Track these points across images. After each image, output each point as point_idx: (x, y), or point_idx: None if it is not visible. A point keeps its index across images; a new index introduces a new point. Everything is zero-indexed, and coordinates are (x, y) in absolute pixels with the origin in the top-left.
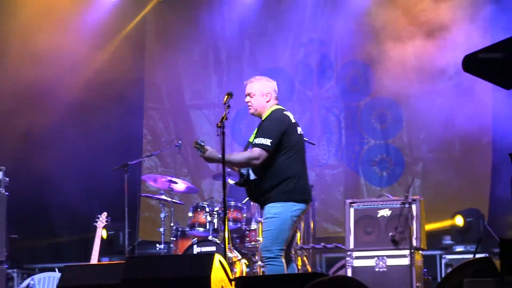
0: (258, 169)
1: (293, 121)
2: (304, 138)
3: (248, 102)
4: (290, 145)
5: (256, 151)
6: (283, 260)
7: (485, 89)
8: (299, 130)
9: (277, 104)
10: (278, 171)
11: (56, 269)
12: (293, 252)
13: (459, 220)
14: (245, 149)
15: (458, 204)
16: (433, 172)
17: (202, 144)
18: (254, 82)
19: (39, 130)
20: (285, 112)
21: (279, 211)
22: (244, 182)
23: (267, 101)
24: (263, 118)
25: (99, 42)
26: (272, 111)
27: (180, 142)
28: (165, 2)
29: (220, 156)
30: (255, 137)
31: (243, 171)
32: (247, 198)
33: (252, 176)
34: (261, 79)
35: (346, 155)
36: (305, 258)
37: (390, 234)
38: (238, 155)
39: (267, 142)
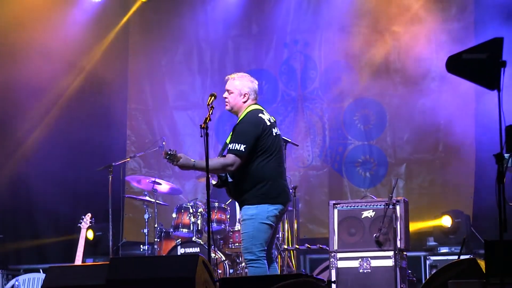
0: (233, 172)
1: (268, 123)
2: (287, 139)
3: (226, 98)
4: (264, 148)
5: (230, 158)
6: (265, 262)
7: (468, 90)
8: (275, 131)
9: (255, 104)
10: (252, 174)
11: (41, 270)
12: (275, 253)
13: (446, 221)
14: (222, 150)
15: (442, 205)
16: (416, 173)
17: (173, 153)
18: (235, 80)
19: (22, 131)
20: (260, 115)
21: (254, 212)
22: (222, 183)
23: (244, 102)
24: (239, 119)
25: (82, 43)
26: (247, 113)
27: (164, 143)
28: (149, 3)
29: (193, 162)
30: (230, 142)
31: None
32: (230, 200)
33: (229, 179)
34: (243, 77)
35: (330, 156)
36: (288, 260)
37: (374, 235)
38: (213, 162)
39: (241, 147)
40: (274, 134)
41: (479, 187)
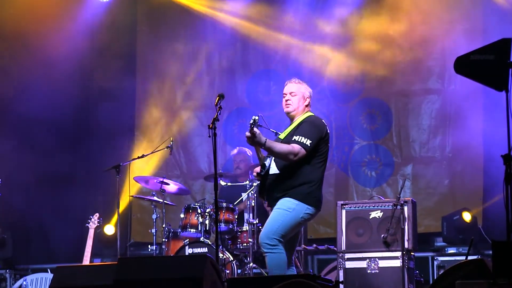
0: (285, 165)
1: (328, 131)
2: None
3: (288, 100)
4: (321, 153)
5: (296, 148)
6: (283, 247)
7: (476, 90)
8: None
9: (311, 112)
10: (304, 173)
11: (49, 270)
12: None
13: (466, 216)
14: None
15: (449, 205)
16: (423, 173)
17: (256, 121)
18: (298, 84)
19: (31, 131)
20: (323, 120)
21: (293, 207)
22: (264, 174)
23: (306, 105)
24: (298, 121)
25: (91, 43)
26: (311, 116)
27: (171, 143)
28: (156, 4)
29: (265, 140)
30: (294, 135)
31: (266, 162)
32: (239, 200)
33: (273, 171)
34: (303, 83)
35: (336, 156)
36: (296, 260)
37: (382, 235)
38: (279, 145)
39: (307, 142)
40: (328, 144)
41: (488, 188)
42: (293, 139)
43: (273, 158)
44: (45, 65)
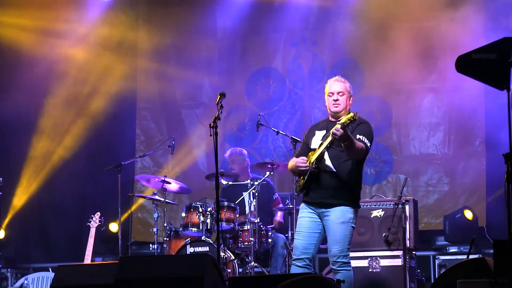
0: (341, 164)
1: None
2: (297, 139)
3: (337, 100)
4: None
5: (365, 146)
6: None
7: (477, 89)
8: None
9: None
10: (357, 175)
11: (50, 269)
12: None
13: (468, 214)
14: (299, 153)
15: (449, 203)
16: (423, 171)
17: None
18: (344, 83)
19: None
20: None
21: (352, 216)
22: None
23: (351, 104)
24: (343, 119)
25: (91, 43)
26: (356, 115)
27: (173, 142)
28: (158, 3)
29: (349, 133)
30: (357, 134)
31: (325, 157)
32: (240, 199)
33: (329, 167)
34: (347, 81)
35: None
36: None
37: (384, 234)
38: (357, 143)
39: (368, 144)
40: None
41: (490, 187)
42: (357, 138)
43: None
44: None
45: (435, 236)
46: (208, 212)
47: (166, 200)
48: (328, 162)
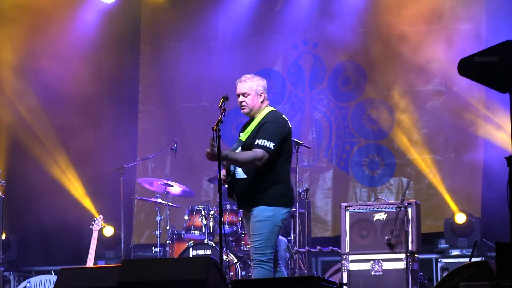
0: (250, 169)
1: (290, 125)
2: (299, 141)
3: (242, 101)
4: (285, 150)
5: (260, 152)
6: (272, 265)
7: (478, 91)
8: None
9: (269, 105)
10: (271, 174)
11: (52, 272)
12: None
13: (460, 218)
14: (236, 147)
15: (450, 206)
16: (425, 174)
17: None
18: (248, 82)
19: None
20: (283, 116)
21: (271, 214)
22: (230, 180)
23: (262, 101)
24: (259, 119)
25: (94, 44)
26: (270, 112)
27: (175, 145)
28: (160, 5)
29: (226, 153)
30: (256, 138)
31: (231, 168)
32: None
33: (240, 175)
34: (254, 78)
35: (336, 155)
36: (300, 262)
37: (386, 237)
38: (243, 155)
39: (271, 145)
40: (292, 138)
41: (487, 189)
42: (256, 143)
43: None
44: (47, 66)
45: (437, 239)
46: (210, 215)
47: (169, 203)
48: (238, 169)
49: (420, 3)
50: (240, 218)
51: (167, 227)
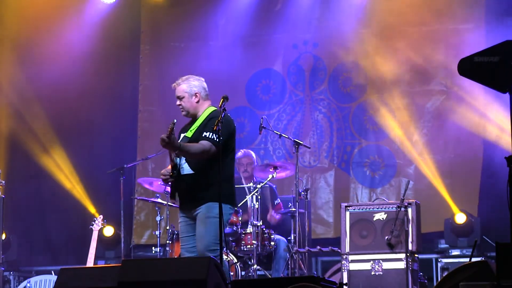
0: (197, 164)
1: (235, 125)
2: (300, 142)
3: (179, 105)
4: (231, 148)
5: (207, 144)
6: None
7: (478, 91)
8: None
9: (212, 106)
10: (218, 171)
11: (52, 272)
12: None
13: (460, 218)
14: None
15: (450, 206)
16: (425, 174)
17: (173, 127)
18: (181, 84)
19: (34, 133)
20: (228, 114)
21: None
22: (176, 175)
23: (197, 102)
24: (203, 117)
25: (94, 45)
26: (214, 110)
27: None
28: (160, 5)
29: (179, 144)
30: (204, 131)
31: (177, 162)
32: (243, 201)
33: (186, 171)
34: (188, 79)
35: (337, 156)
36: (300, 262)
37: (386, 237)
38: (193, 146)
39: (215, 137)
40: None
41: (485, 189)
42: (203, 136)
43: (185, 158)
44: (47, 66)
45: (438, 239)
46: None
47: (169, 203)
48: (184, 165)
49: (420, 4)
50: (240, 218)
51: (167, 227)
